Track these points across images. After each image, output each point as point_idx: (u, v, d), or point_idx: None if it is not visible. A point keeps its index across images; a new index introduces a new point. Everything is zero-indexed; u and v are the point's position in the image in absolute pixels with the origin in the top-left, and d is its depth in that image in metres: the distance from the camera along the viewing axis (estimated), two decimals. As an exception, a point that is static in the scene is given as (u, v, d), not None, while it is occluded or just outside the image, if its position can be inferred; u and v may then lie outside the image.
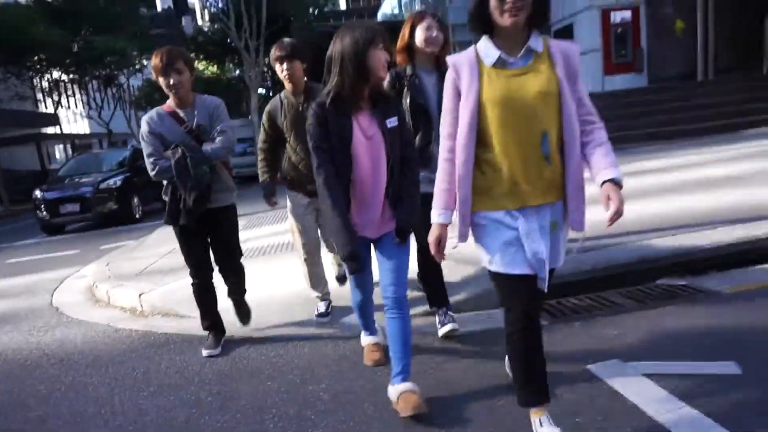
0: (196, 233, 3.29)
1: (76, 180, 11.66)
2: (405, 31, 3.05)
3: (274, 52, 3.31)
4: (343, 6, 49.51)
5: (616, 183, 1.85)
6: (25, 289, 6.03)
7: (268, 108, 3.48)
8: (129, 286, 4.87)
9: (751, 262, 3.73)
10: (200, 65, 28.02)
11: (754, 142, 8.87)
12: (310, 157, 2.39)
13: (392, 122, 2.40)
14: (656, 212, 4.86)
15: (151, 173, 3.15)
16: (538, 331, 2.01)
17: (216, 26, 24.88)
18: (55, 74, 28.77)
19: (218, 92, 19.50)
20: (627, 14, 14.74)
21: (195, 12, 26.39)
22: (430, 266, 3.16)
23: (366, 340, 3.04)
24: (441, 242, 2.06)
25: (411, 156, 2.48)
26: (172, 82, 3.09)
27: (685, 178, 6.53)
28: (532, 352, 1.99)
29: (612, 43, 14.89)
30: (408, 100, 2.97)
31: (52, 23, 24.22)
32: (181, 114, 3.19)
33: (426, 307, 3.40)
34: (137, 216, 11.70)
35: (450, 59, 1.99)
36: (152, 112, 3.22)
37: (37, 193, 11.37)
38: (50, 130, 31.34)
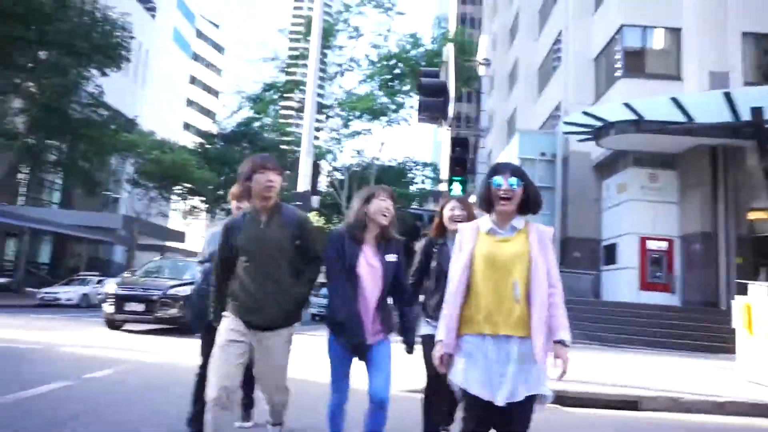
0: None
1: (150, 281, 11.55)
2: (437, 212, 3.82)
3: (264, 162, 3.09)
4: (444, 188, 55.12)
5: (565, 343, 2.43)
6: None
7: (227, 223, 3.19)
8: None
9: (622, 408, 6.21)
10: (312, 217, 32.79)
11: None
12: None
13: (391, 257, 3.04)
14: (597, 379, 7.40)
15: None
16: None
17: (330, 190, 30.23)
18: (194, 202, 35.24)
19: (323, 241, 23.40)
20: (663, 244, 17.47)
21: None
22: (438, 386, 3.46)
23: None
24: (442, 358, 2.52)
25: (402, 283, 3.15)
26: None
27: (641, 367, 8.94)
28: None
29: (648, 264, 17.58)
30: (434, 263, 3.63)
31: (204, 165, 30.82)
32: None
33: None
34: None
35: (460, 226, 2.70)
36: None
37: (110, 287, 11.26)
38: (173, 243, 37.37)
